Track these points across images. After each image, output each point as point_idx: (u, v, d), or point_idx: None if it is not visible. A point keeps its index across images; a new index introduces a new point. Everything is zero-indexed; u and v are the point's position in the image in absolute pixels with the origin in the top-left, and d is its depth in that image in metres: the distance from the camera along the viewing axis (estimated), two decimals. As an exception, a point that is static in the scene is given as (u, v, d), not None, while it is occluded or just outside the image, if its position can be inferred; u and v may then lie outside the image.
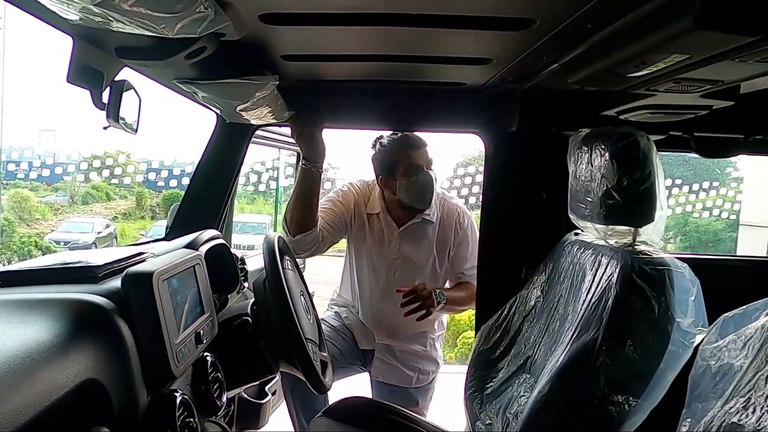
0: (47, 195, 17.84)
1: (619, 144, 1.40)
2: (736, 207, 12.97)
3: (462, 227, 2.27)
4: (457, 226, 2.26)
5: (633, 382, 1.25)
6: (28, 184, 16.81)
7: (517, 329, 1.70)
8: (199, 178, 1.94)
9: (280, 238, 1.55)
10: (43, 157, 15.72)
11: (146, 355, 0.95)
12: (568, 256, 1.62)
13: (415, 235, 2.25)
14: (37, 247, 14.05)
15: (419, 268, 2.24)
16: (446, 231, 2.26)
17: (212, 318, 1.28)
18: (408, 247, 2.25)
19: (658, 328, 1.25)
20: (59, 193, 18.04)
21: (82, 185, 17.80)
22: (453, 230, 2.26)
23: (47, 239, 14.91)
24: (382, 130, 2.19)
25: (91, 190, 18.00)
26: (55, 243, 14.58)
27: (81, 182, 17.33)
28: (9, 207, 15.54)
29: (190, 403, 1.06)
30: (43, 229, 15.87)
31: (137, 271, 0.99)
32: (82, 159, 15.63)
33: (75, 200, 18.04)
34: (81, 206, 17.86)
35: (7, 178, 15.79)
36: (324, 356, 1.58)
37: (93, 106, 1.12)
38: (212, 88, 1.39)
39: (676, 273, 1.30)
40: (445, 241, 2.27)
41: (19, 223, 15.36)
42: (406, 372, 2.24)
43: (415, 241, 2.25)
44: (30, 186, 17.00)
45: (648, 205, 1.39)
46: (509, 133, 2.02)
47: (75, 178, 17.01)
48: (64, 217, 16.82)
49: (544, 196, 2.09)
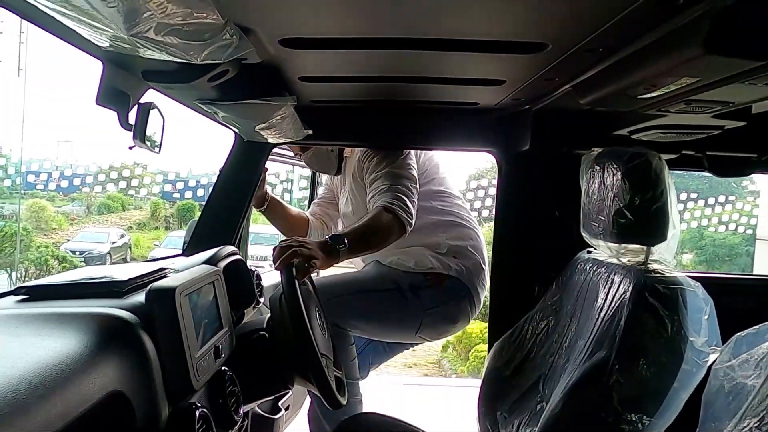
0: (64, 205, 18.11)
1: (631, 163, 1.41)
2: (753, 221, 12.82)
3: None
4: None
5: (646, 401, 1.25)
6: (45, 194, 17.09)
7: (529, 347, 1.71)
8: (217, 194, 1.99)
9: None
10: (62, 168, 16.00)
11: (168, 368, 0.98)
12: (580, 274, 1.63)
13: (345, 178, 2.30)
14: (53, 256, 14.24)
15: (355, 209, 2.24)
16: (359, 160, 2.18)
17: (230, 332, 1.31)
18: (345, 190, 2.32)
19: (671, 346, 1.25)
20: (75, 203, 18.32)
21: (98, 195, 18.05)
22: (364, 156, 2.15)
23: (63, 249, 15.12)
24: (396, 149, 2.22)
25: (107, 201, 18.25)
26: (71, 252, 14.77)
27: (98, 193, 17.56)
28: (26, 217, 15.81)
29: (209, 416, 1.08)
30: (60, 239, 16.11)
31: (161, 286, 1.03)
32: (100, 170, 15.88)
33: (91, 210, 18.30)
34: (96, 216, 18.10)
35: (27, 188, 16.07)
36: (338, 372, 1.60)
37: (120, 126, 1.17)
38: (232, 109, 1.44)
39: (689, 292, 1.30)
40: (360, 169, 2.18)
41: (36, 232, 15.59)
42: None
43: (346, 184, 2.29)
44: (47, 196, 17.27)
45: (660, 224, 1.40)
46: (522, 152, 2.04)
47: (93, 189, 17.26)
48: (80, 227, 17.05)
49: (556, 215, 2.10)
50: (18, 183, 15.27)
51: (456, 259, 2.11)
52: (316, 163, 2.28)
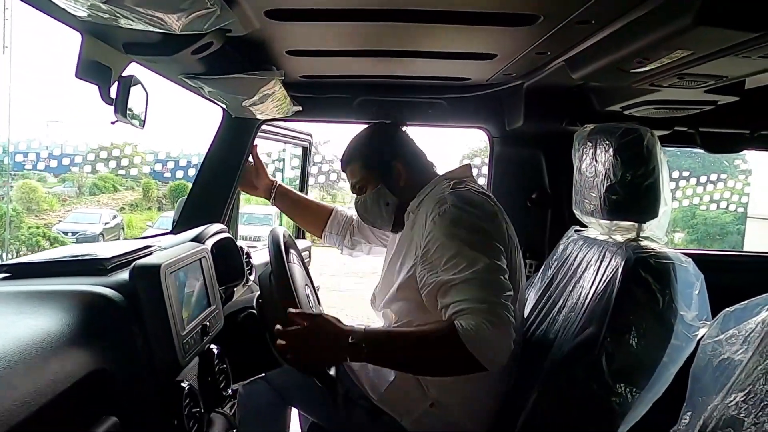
0: (55, 186, 17.97)
1: (623, 139, 1.40)
2: (744, 200, 12.90)
3: (433, 222, 1.40)
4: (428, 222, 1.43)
5: (636, 374, 1.26)
6: (35, 175, 16.93)
7: (521, 324, 1.71)
8: (206, 172, 1.96)
9: (285, 231, 1.57)
10: (51, 148, 15.82)
11: (154, 345, 0.97)
12: (572, 251, 1.62)
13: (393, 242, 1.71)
14: (45, 237, 14.17)
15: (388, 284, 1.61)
16: (412, 232, 1.53)
17: (218, 310, 1.30)
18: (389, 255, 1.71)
19: (661, 320, 1.26)
20: (67, 184, 18.17)
21: (89, 176, 17.91)
22: (421, 227, 1.45)
23: (55, 230, 15.03)
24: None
25: (99, 181, 18.12)
26: (63, 234, 14.70)
27: (88, 173, 17.42)
28: (17, 198, 15.68)
29: (196, 394, 1.08)
30: (51, 220, 16.01)
31: (145, 263, 1.01)
32: (90, 150, 15.73)
33: (82, 191, 18.16)
34: (88, 197, 17.98)
35: (15, 169, 15.91)
36: None
37: (101, 100, 1.14)
38: (218, 84, 1.41)
39: (680, 267, 1.30)
40: (410, 243, 1.54)
41: (27, 213, 15.48)
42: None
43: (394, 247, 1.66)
44: (38, 177, 17.11)
45: (652, 201, 1.40)
46: (514, 129, 2.03)
47: (82, 169, 17.11)
48: (72, 208, 16.94)
49: (548, 192, 2.09)
50: (6, 163, 15.10)
51: None
52: (366, 212, 1.68)
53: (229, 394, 1.26)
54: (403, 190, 1.61)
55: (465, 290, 1.26)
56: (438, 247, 1.34)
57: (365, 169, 1.65)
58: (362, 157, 1.66)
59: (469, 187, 1.51)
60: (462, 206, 1.38)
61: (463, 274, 1.27)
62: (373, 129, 1.72)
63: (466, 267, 1.28)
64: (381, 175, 1.64)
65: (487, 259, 1.29)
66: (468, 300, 1.24)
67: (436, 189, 1.53)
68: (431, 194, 1.53)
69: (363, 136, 1.71)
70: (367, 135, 1.71)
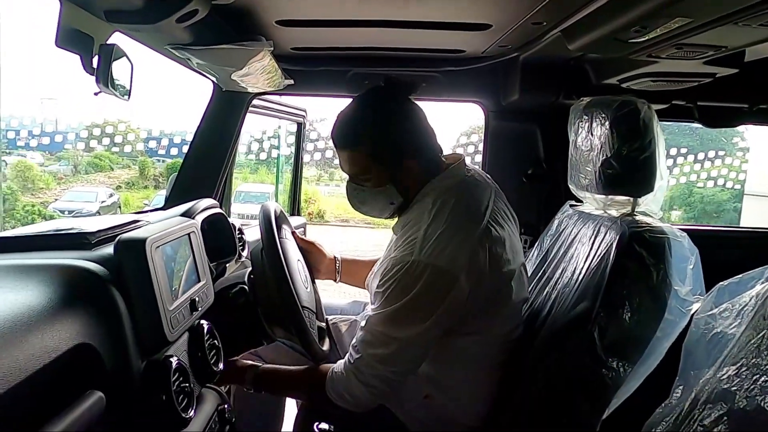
0: (50, 164, 17.86)
1: (619, 112, 1.37)
2: (742, 177, 12.89)
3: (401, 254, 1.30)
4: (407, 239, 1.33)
5: (629, 348, 1.26)
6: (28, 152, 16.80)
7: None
8: (197, 147, 1.93)
9: (277, 206, 1.55)
10: (44, 124, 15.68)
11: (140, 320, 0.96)
12: (567, 226, 1.61)
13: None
14: (41, 216, 14.11)
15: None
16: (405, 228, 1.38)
17: (208, 286, 1.28)
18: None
19: (655, 295, 1.24)
20: (62, 162, 18.05)
21: (85, 155, 17.79)
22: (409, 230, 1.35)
23: (51, 208, 14.97)
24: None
25: (95, 160, 18.01)
26: (59, 212, 14.63)
27: (83, 150, 17.28)
28: (12, 176, 15.58)
29: (185, 369, 1.07)
30: (48, 199, 15.93)
31: (130, 237, 0.99)
32: (83, 127, 15.58)
33: (78, 170, 18.06)
34: (84, 176, 17.88)
35: (9, 147, 15.78)
36: (321, 324, 1.59)
37: (83, 70, 1.10)
38: (206, 55, 1.37)
39: (675, 242, 1.29)
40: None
41: (22, 192, 15.40)
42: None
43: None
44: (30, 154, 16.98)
45: (647, 175, 1.38)
46: (510, 103, 2.00)
47: (76, 146, 16.96)
48: (68, 187, 16.86)
49: (544, 167, 2.07)
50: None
51: None
52: (362, 204, 1.48)
53: (220, 370, 1.25)
54: (411, 189, 1.41)
55: (366, 347, 1.30)
56: (384, 289, 1.28)
57: (373, 162, 1.37)
58: (371, 144, 1.36)
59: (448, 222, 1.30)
60: (423, 267, 1.24)
61: (374, 333, 1.29)
62: (383, 104, 1.39)
63: (387, 328, 1.27)
64: (391, 173, 1.38)
65: (414, 330, 1.26)
66: (361, 358, 1.30)
67: (428, 201, 1.36)
68: (425, 203, 1.36)
69: (371, 112, 1.38)
70: (377, 112, 1.38)
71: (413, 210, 1.39)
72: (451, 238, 1.26)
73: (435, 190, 1.38)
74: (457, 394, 1.39)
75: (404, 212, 1.43)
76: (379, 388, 1.30)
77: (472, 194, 1.39)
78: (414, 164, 1.38)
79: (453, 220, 1.30)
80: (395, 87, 1.41)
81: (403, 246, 1.30)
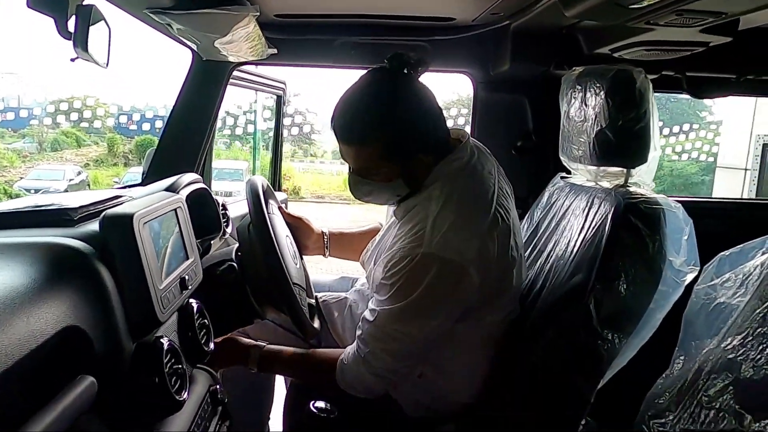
0: (14, 142, 17.28)
1: (614, 81, 1.36)
2: (715, 149, 13.13)
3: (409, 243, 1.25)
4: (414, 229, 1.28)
5: (624, 320, 1.25)
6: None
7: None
8: (176, 120, 1.85)
9: (264, 181, 1.50)
10: (7, 100, 15.11)
11: (130, 301, 0.91)
12: (558, 199, 1.60)
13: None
14: (6, 194, 13.71)
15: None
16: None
17: (197, 263, 1.23)
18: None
19: (651, 266, 1.24)
20: (26, 139, 17.49)
21: (50, 132, 17.25)
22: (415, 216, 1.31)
23: (17, 187, 14.54)
24: (365, 69, 2.10)
25: (61, 136, 17.48)
26: (25, 191, 14.22)
27: (48, 126, 16.73)
28: (-26, 154, 15.06)
29: (177, 350, 1.03)
30: (12, 177, 15.46)
31: (116, 213, 0.93)
32: (48, 102, 15.07)
33: (44, 147, 17.51)
34: (50, 153, 17.36)
35: (-28, 123, 15.24)
36: (312, 302, 1.55)
37: (58, 35, 1.02)
38: (187, 20, 1.29)
39: (670, 212, 1.28)
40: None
41: (-16, 171, 14.92)
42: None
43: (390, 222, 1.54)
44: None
45: (642, 145, 1.37)
46: (499, 73, 1.96)
47: (42, 122, 16.41)
48: (33, 165, 16.36)
49: (533, 139, 2.05)
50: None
51: None
52: (366, 196, 1.42)
53: (211, 350, 1.21)
54: (420, 179, 1.34)
55: (377, 343, 1.28)
56: (392, 282, 1.25)
57: (383, 160, 1.28)
58: (383, 141, 1.26)
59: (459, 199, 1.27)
60: (433, 260, 1.20)
61: (385, 329, 1.27)
62: (394, 90, 1.27)
63: (398, 324, 1.25)
64: (402, 169, 1.30)
65: (425, 325, 1.25)
66: (371, 352, 1.28)
67: (435, 187, 1.30)
68: (432, 189, 1.31)
69: (381, 102, 1.26)
70: (388, 102, 1.26)
71: (419, 195, 1.34)
72: (460, 229, 1.23)
73: (443, 175, 1.32)
74: (451, 372, 1.37)
75: (409, 197, 1.38)
76: (391, 379, 1.32)
77: (480, 178, 1.34)
78: (426, 157, 1.31)
79: (462, 210, 1.26)
80: (403, 66, 1.29)
81: (410, 236, 1.26)
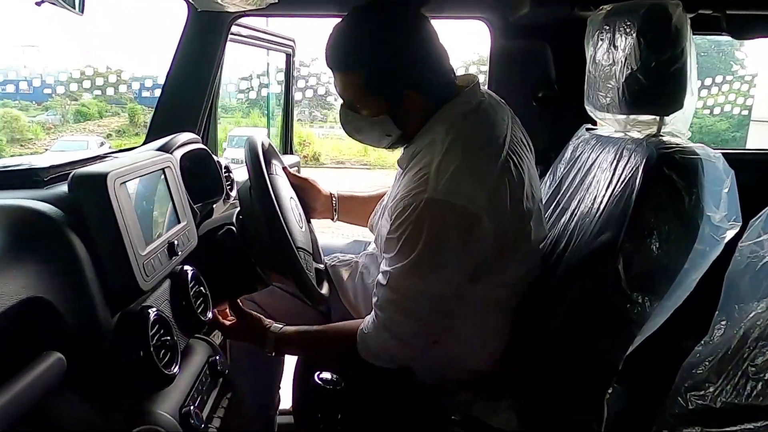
0: (38, 114, 17.49)
1: (647, 17, 1.21)
2: (749, 102, 12.56)
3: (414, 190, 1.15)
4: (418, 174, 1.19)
5: (656, 281, 1.15)
6: (17, 104, 16.49)
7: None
8: (174, 78, 1.74)
9: (265, 139, 1.40)
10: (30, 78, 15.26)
11: (105, 269, 0.83)
12: (584, 152, 1.48)
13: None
14: (32, 167, 13.94)
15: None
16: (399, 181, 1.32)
17: (190, 227, 1.15)
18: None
19: (686, 222, 1.13)
20: (50, 112, 17.67)
21: (73, 104, 17.40)
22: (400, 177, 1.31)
23: (43, 159, 14.75)
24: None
25: (83, 108, 17.62)
26: (51, 163, 14.45)
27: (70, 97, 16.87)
28: (-1, 127, 15.30)
29: (166, 320, 0.95)
30: (38, 149, 15.69)
31: (86, 172, 0.84)
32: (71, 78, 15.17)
33: (66, 119, 17.69)
34: (73, 125, 17.53)
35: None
36: (320, 266, 1.47)
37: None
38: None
39: (708, 163, 1.16)
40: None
41: (11, 143, 15.15)
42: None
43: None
44: (19, 105, 16.66)
45: (677, 90, 1.23)
46: (518, 18, 1.81)
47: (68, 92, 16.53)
48: (58, 136, 16.56)
49: (555, 88, 1.91)
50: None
51: None
52: (356, 133, 1.34)
53: (208, 319, 1.13)
54: (412, 121, 1.26)
55: (391, 304, 1.21)
56: (398, 234, 1.15)
57: (366, 90, 1.22)
58: (365, 69, 1.20)
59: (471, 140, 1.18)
60: (440, 206, 1.11)
61: (399, 290, 1.19)
62: (386, 20, 1.20)
63: (411, 281, 1.17)
64: (390, 103, 1.24)
65: (439, 277, 1.16)
66: (390, 318, 1.21)
67: (439, 130, 1.21)
68: (436, 132, 1.21)
69: (370, 30, 1.20)
70: (377, 30, 1.20)
71: (422, 140, 1.24)
72: (468, 173, 1.12)
73: (447, 119, 1.22)
74: (468, 337, 1.29)
75: (411, 143, 1.28)
76: (415, 344, 1.24)
77: (490, 122, 1.23)
78: (417, 95, 1.22)
79: (469, 153, 1.15)
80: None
81: (413, 182, 1.15)
